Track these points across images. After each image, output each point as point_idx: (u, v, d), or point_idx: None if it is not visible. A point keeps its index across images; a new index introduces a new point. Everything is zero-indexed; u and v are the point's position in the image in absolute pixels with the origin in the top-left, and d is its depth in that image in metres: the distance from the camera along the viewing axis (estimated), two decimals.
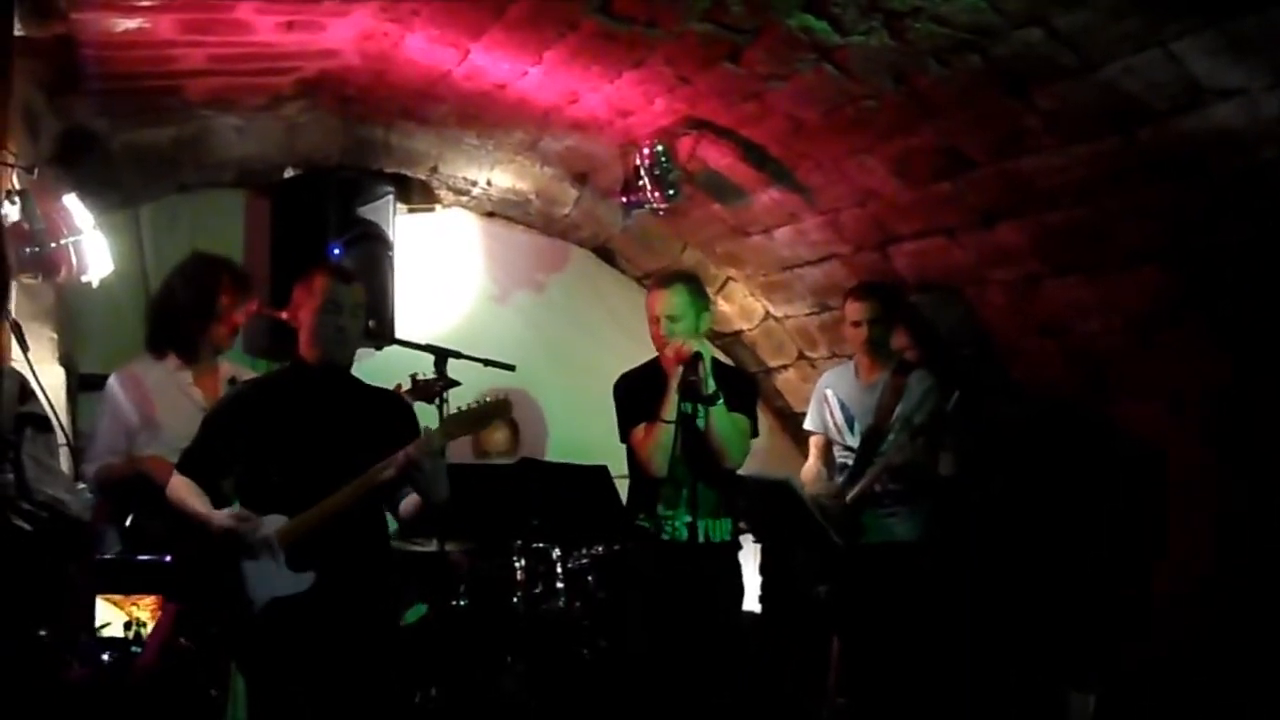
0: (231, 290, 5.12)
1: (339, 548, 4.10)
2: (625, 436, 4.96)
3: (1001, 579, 5.69)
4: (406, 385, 5.18)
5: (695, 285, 5.00)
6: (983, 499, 5.71)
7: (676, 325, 4.84)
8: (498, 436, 6.27)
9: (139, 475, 4.83)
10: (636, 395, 4.93)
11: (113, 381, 5.08)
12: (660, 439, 4.77)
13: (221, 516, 4.09)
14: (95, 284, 4.28)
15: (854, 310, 5.64)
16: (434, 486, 4.15)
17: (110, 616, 4.58)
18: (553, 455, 6.88)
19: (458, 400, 4.54)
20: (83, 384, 5.67)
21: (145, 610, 4.61)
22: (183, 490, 4.20)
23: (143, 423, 4.99)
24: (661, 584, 4.86)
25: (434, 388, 4.92)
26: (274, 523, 4.08)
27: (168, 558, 4.58)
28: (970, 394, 5.33)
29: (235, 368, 5.23)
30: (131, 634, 4.61)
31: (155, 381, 5.06)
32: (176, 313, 5.15)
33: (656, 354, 4.96)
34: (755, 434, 5.04)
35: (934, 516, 5.54)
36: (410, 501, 4.28)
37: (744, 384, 5.22)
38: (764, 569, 5.99)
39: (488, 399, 4.26)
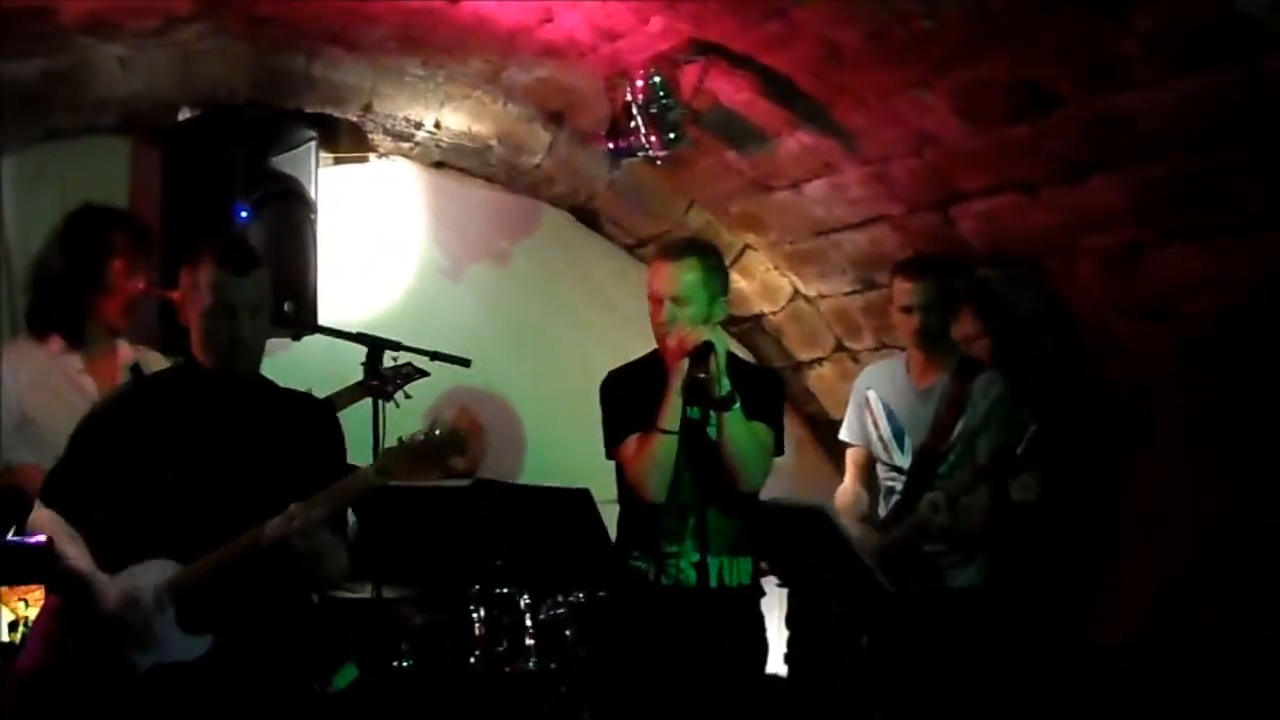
0: (127, 252, 5.15)
1: (243, 603, 4.11)
2: (613, 451, 4.97)
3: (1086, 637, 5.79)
4: (347, 381, 5.22)
5: (713, 261, 4.96)
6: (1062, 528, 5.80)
7: (681, 310, 4.81)
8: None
9: (9, 490, 4.88)
10: (629, 398, 4.92)
11: None
12: (658, 454, 4.75)
13: (107, 593, 4.06)
14: None
15: (903, 292, 5.68)
16: (312, 567, 4.14)
17: None
18: (521, 474, 6.95)
19: (423, 396, 4.54)
20: None
21: (36, 606, 4.70)
22: (48, 527, 4.19)
23: (17, 422, 5.03)
24: (662, 640, 4.84)
25: (391, 381, 4.95)
26: (162, 570, 4.09)
27: (42, 538, 4.64)
28: (1051, 417, 5.38)
29: (139, 351, 5.26)
30: (18, 636, 4.71)
31: (34, 370, 5.10)
32: (55, 281, 5.19)
33: (656, 345, 5.01)
34: (780, 450, 5.07)
35: (1000, 557, 5.62)
36: None
37: (767, 385, 5.20)
38: (791, 621, 6.05)
39: (437, 430, 4.17)
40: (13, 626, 4.84)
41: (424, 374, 5.27)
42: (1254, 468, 5.24)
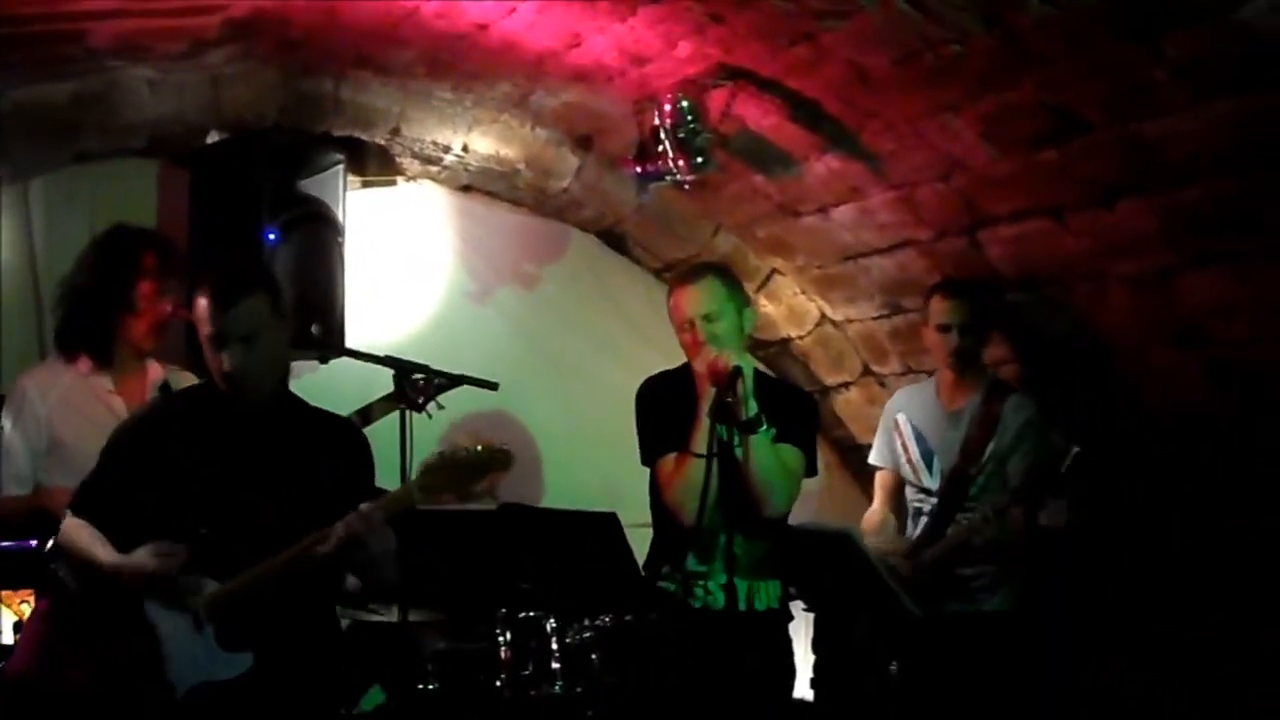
0: (156, 273, 5.17)
1: (281, 621, 4.16)
2: (650, 460, 5.02)
3: (1124, 660, 5.78)
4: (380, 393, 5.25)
5: (729, 276, 5.06)
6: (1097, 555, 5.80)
7: (717, 325, 4.87)
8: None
9: (39, 511, 4.91)
10: (664, 407, 4.98)
11: (14, 394, 5.15)
12: (692, 477, 4.76)
13: (140, 557, 4.09)
14: None
15: (940, 311, 5.73)
16: (379, 569, 4.24)
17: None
18: (546, 498, 6.97)
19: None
20: None
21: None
22: (78, 534, 4.25)
23: (47, 444, 5.07)
24: (689, 663, 4.87)
25: (424, 392, 4.97)
26: (197, 586, 4.15)
27: (32, 543, 4.66)
28: (1080, 421, 5.39)
29: (169, 371, 5.29)
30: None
31: (63, 392, 5.13)
32: (84, 301, 5.22)
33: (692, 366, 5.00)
34: (813, 471, 5.08)
35: (1032, 580, 5.62)
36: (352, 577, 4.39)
37: (798, 405, 5.22)
38: (817, 645, 6.06)
39: (479, 446, 4.22)
40: (17, 628, 4.89)
41: (457, 383, 5.29)
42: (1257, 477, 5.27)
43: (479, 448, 4.22)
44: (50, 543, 4.61)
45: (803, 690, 5.78)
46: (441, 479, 4.21)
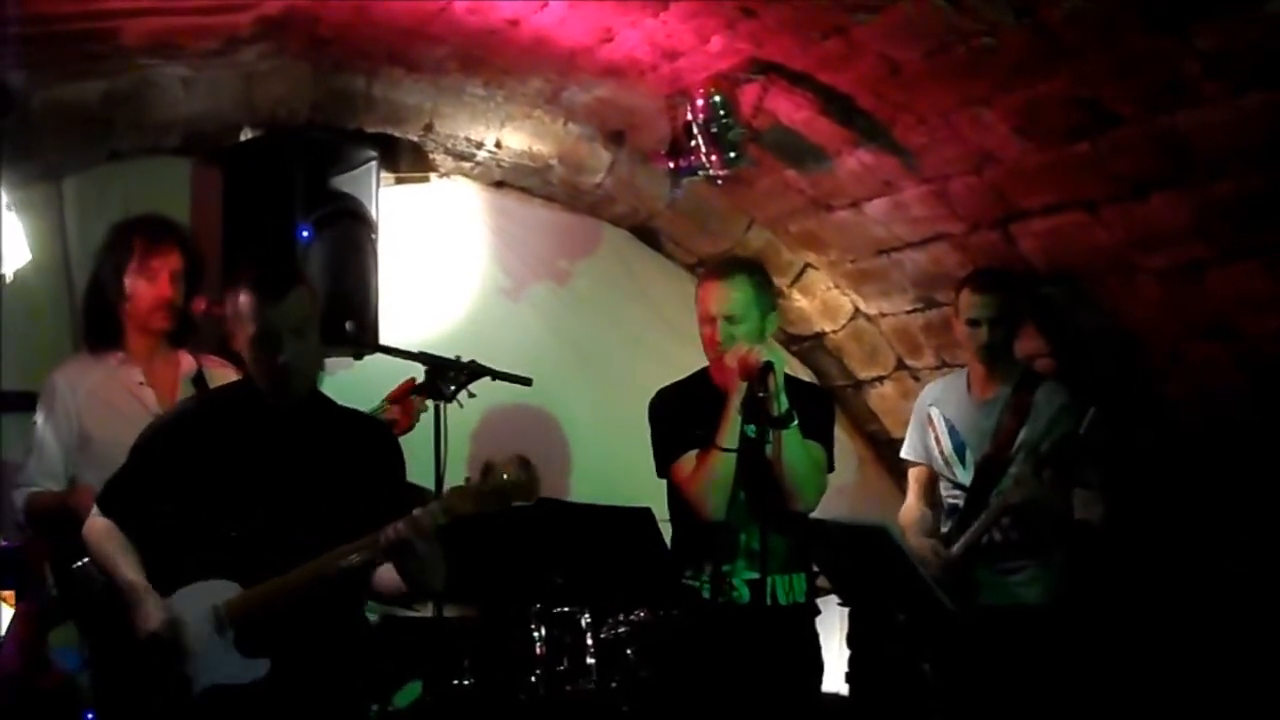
0: (144, 252, 5.16)
1: (302, 630, 4.17)
2: (665, 470, 5.03)
3: (1156, 654, 5.80)
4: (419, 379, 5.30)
5: (760, 277, 5.06)
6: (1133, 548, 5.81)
7: (736, 328, 4.88)
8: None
9: (67, 510, 4.90)
10: (680, 417, 5.00)
11: (45, 388, 5.18)
12: (717, 472, 4.80)
13: (149, 610, 4.12)
14: (9, 276, 4.37)
15: (969, 304, 5.72)
16: (428, 575, 4.19)
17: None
18: (578, 494, 7.01)
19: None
20: None
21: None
22: (103, 536, 4.28)
23: (78, 440, 5.11)
24: (719, 659, 4.90)
25: (452, 383, 5.01)
26: (220, 590, 4.16)
27: (6, 543, 4.75)
28: (1113, 413, 5.40)
29: (206, 360, 5.29)
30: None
31: (92, 385, 5.16)
32: (92, 295, 5.25)
33: (708, 363, 5.04)
34: (831, 468, 5.13)
35: (1070, 573, 5.63)
36: (389, 578, 4.27)
37: (817, 403, 5.21)
38: (852, 639, 6.08)
39: (506, 475, 4.11)
40: None
41: (486, 372, 5.33)
42: None
43: (505, 475, 4.12)
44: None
45: (837, 684, 5.81)
46: (464, 502, 4.13)
